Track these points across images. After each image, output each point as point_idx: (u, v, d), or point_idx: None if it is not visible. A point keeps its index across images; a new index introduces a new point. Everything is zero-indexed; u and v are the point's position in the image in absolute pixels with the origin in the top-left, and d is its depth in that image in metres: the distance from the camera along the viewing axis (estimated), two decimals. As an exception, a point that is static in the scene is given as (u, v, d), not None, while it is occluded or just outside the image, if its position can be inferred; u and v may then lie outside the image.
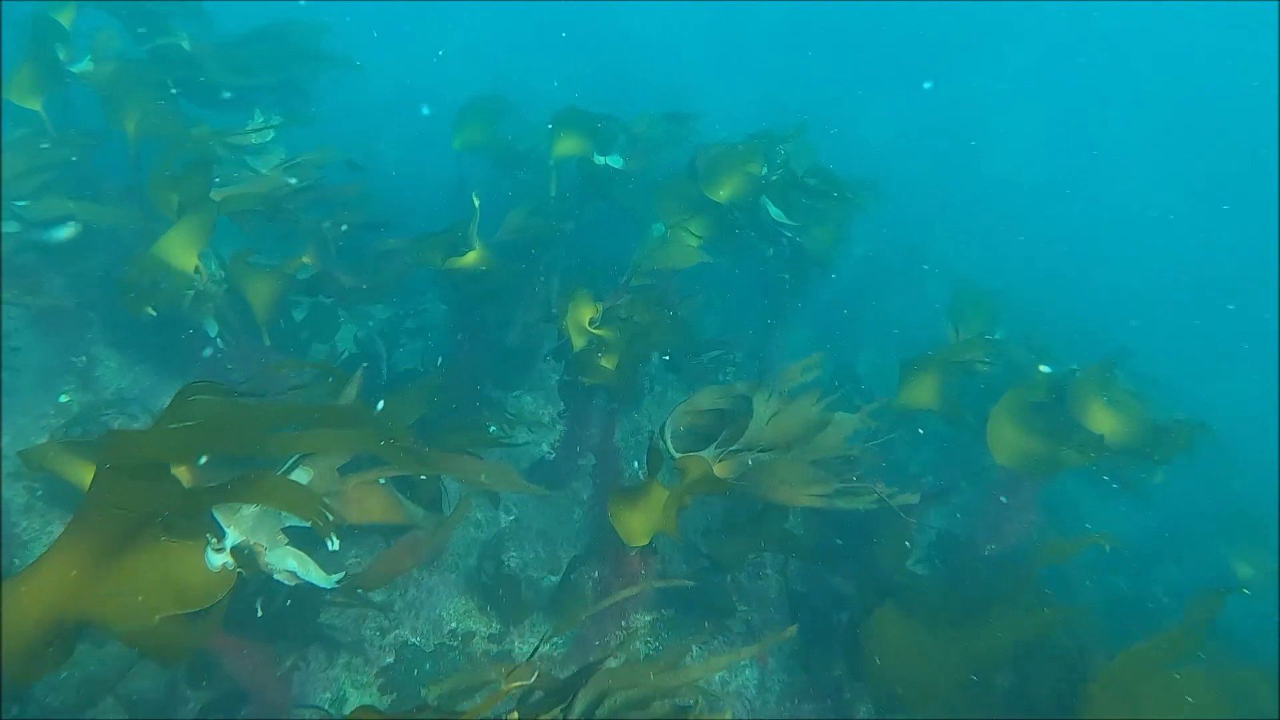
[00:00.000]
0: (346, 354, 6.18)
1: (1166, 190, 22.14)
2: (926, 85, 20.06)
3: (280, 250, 5.69)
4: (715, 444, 3.95)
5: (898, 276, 13.20)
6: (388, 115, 14.21)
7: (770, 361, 8.29)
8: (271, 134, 6.07)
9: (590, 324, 4.98)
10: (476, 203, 5.32)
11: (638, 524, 3.52)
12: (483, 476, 3.51)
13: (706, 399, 4.21)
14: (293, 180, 5.40)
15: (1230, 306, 17.10)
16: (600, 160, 6.83)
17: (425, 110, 11.70)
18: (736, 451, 3.86)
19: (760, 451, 3.89)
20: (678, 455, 3.85)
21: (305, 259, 5.18)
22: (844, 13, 20.52)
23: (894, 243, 13.63)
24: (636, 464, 7.11)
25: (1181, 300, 17.40)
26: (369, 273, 5.51)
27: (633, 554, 4.31)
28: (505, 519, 6.34)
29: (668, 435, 4.02)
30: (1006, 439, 4.61)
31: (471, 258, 5.41)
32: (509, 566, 6.06)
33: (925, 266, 13.70)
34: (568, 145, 6.63)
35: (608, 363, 4.92)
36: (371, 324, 8.09)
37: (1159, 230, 20.55)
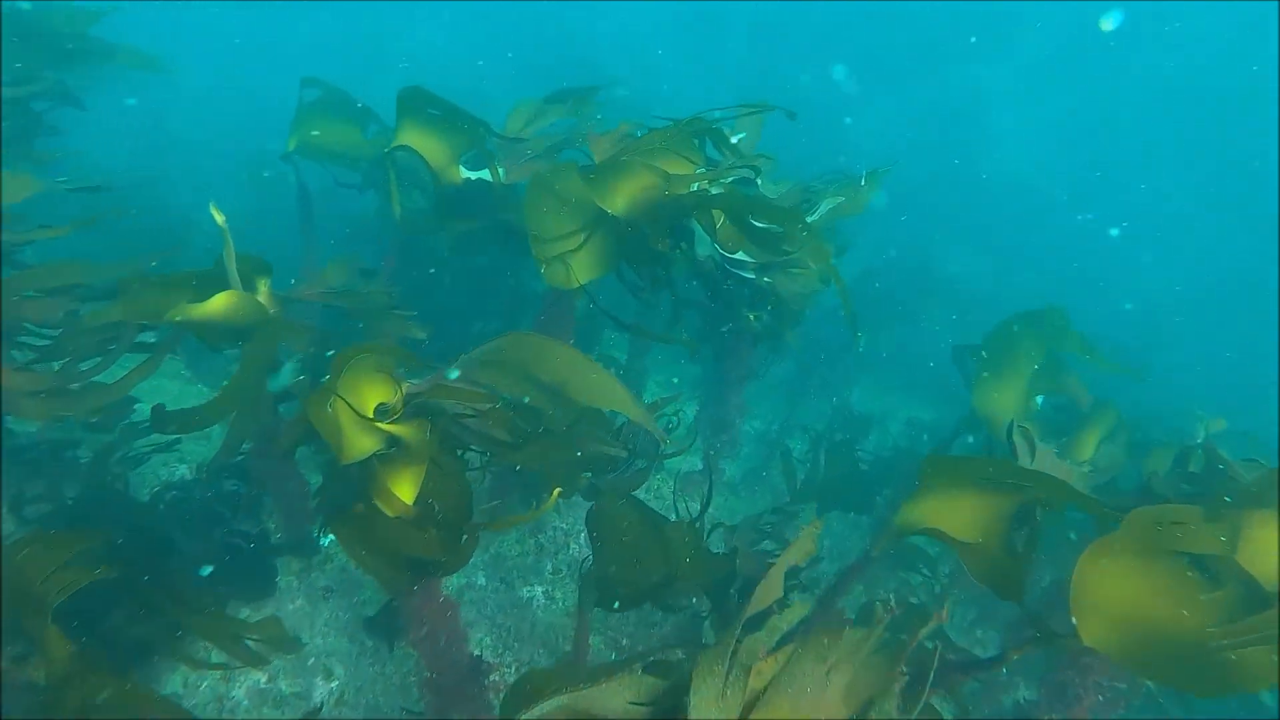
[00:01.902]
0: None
1: (1185, 193, 20.23)
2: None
3: None
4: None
5: (898, 298, 11.18)
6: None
7: (726, 423, 6.24)
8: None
9: (379, 415, 2.94)
10: (221, 220, 3.31)
11: None
12: None
13: (612, 698, 2.04)
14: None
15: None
16: (470, 174, 4.78)
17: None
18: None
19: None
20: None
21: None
22: (832, 5, 18.56)
23: (891, 259, 11.66)
24: (529, 592, 5.04)
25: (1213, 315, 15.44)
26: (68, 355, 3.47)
27: None
28: (324, 688, 4.28)
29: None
30: (1108, 614, 2.54)
31: (220, 305, 3.37)
32: (317, 774, 4.00)
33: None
34: (419, 145, 4.58)
35: (403, 487, 2.87)
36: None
37: (1181, 236, 18.62)
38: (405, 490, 2.88)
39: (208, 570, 3.84)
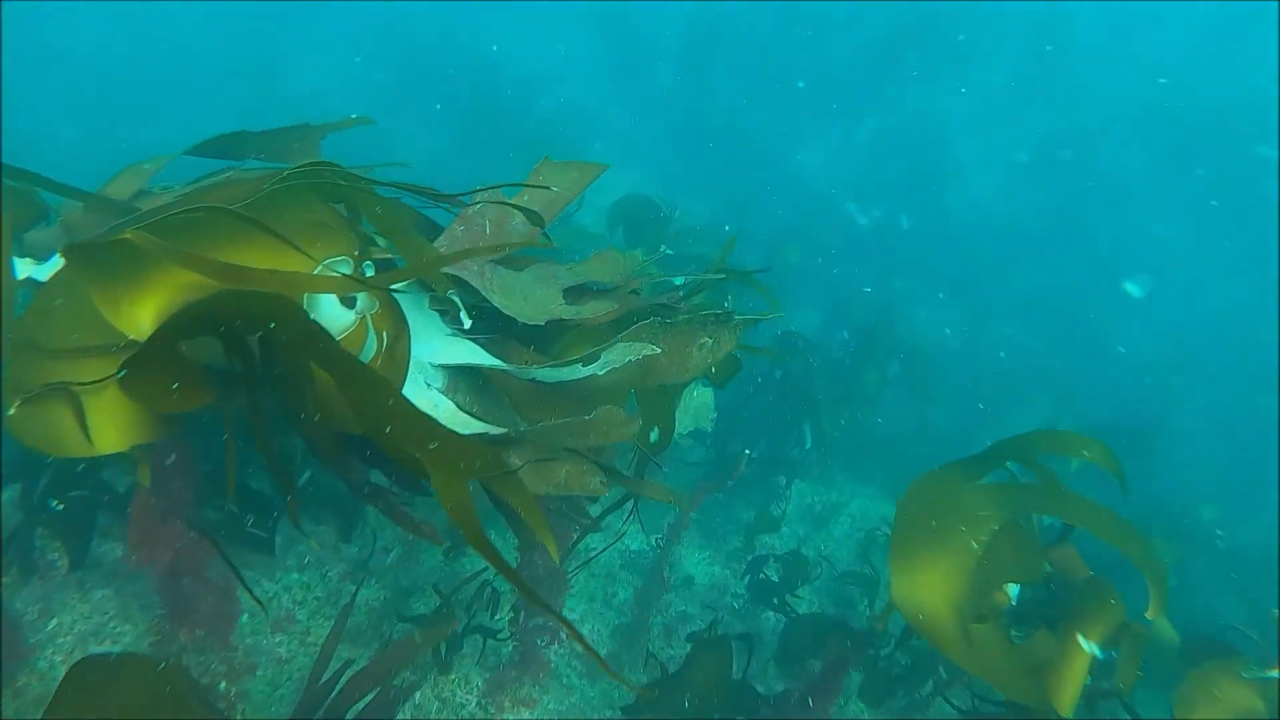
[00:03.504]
0: None
1: (1175, 224, 18.48)
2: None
3: None
4: None
5: (842, 371, 9.24)
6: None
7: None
8: None
9: None
10: None
11: None
12: None
13: None
14: None
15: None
16: (30, 270, 2.81)
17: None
18: None
19: None
20: None
21: None
22: (765, 21, 16.75)
23: (835, 322, 9.80)
24: None
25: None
26: None
27: None
28: None
29: None
30: None
31: None
32: None
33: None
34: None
35: None
36: None
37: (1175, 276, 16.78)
38: None
39: None
